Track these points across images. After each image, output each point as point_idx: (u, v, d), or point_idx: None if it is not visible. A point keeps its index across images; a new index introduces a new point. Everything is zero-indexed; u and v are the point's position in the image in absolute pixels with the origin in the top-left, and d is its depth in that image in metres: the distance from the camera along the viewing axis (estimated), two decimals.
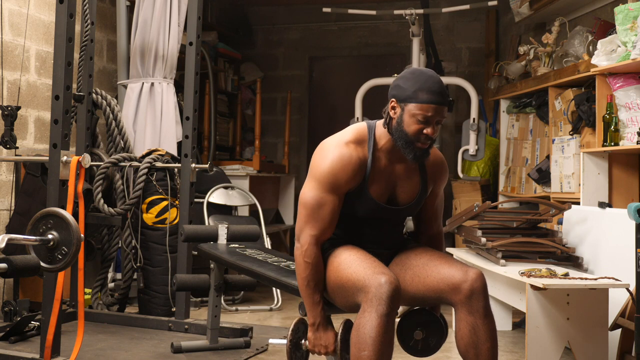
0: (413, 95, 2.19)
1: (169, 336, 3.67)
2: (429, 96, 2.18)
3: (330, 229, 2.28)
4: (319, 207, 2.25)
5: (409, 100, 2.20)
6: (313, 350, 2.27)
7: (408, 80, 2.21)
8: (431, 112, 2.19)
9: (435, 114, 2.20)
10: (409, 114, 2.20)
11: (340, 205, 2.28)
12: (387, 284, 2.08)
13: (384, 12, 5.29)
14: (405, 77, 2.24)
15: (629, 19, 3.28)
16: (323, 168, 2.25)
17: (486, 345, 2.20)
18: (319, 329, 2.25)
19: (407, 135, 2.22)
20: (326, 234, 2.28)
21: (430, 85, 2.19)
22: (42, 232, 2.31)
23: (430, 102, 2.18)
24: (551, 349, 2.79)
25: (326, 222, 2.26)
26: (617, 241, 3.09)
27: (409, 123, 2.21)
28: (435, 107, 2.19)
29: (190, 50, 3.84)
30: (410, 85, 2.20)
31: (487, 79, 6.09)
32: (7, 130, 3.56)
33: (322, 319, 2.25)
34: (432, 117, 2.20)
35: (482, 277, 2.23)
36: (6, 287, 4.10)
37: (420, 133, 2.21)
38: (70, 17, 2.96)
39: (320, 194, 2.25)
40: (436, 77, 2.22)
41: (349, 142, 2.28)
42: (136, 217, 4.09)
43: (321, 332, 2.25)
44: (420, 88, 2.18)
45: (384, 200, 2.33)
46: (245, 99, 6.79)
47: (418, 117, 2.19)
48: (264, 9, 7.07)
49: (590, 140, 3.74)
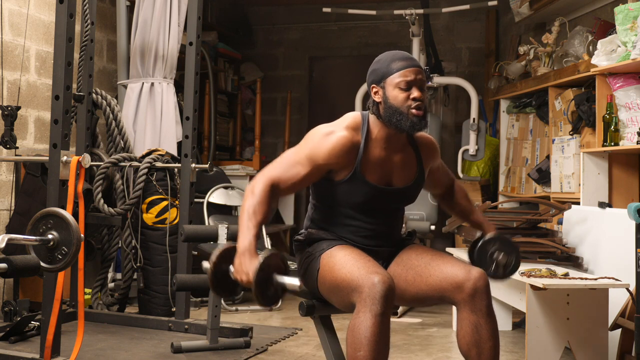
0: (387, 69, 2.26)
1: (169, 336, 3.67)
2: (402, 63, 2.25)
3: (287, 187, 2.25)
4: (291, 164, 2.25)
5: (385, 76, 2.26)
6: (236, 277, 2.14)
7: (378, 62, 2.31)
8: (410, 75, 2.24)
9: (415, 76, 2.25)
10: (391, 88, 2.25)
11: (309, 178, 2.26)
12: (380, 284, 2.07)
13: (384, 12, 5.30)
14: (374, 62, 2.33)
15: (629, 19, 3.28)
16: (311, 138, 2.29)
17: (488, 344, 2.20)
18: (245, 254, 2.12)
19: (397, 107, 2.24)
20: (281, 186, 2.23)
21: (399, 55, 2.28)
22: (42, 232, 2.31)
23: (405, 67, 2.24)
24: (551, 349, 2.79)
25: (288, 177, 2.24)
26: (617, 241, 3.09)
27: (394, 95, 2.24)
28: (413, 69, 2.25)
29: (190, 50, 3.84)
30: (382, 64, 2.29)
31: (487, 79, 6.09)
32: (7, 130, 3.56)
33: (250, 244, 2.13)
34: (414, 80, 2.24)
35: (485, 276, 2.23)
36: (6, 287, 4.11)
37: (408, 99, 2.24)
38: (70, 17, 2.96)
39: (298, 155, 2.26)
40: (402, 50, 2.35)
41: (343, 127, 2.31)
42: (136, 217, 4.09)
43: (246, 258, 2.12)
44: (391, 60, 2.27)
45: (382, 185, 2.33)
46: (245, 99, 6.79)
47: (400, 85, 2.23)
48: (264, 9, 7.07)
49: (590, 140, 3.74)
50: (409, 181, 2.37)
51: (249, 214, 2.17)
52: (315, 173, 2.27)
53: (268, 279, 2.11)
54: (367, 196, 2.30)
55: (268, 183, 2.21)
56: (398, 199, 2.39)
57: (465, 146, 4.99)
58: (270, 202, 2.22)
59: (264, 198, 2.19)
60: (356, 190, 2.30)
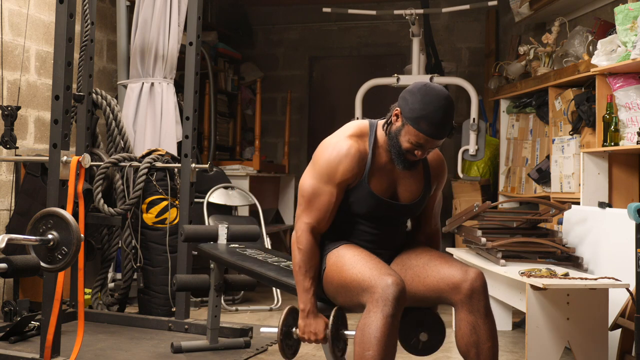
0: (415, 120, 2.19)
1: (169, 336, 3.67)
2: (429, 128, 2.18)
3: (326, 220, 2.29)
4: (316, 197, 2.27)
5: (410, 120, 2.21)
6: (303, 337, 2.25)
7: (417, 102, 2.19)
8: (426, 142, 2.22)
9: (430, 144, 2.23)
10: (405, 132, 2.23)
11: (338, 198, 2.29)
12: (393, 285, 2.08)
13: (384, 12, 5.29)
14: (415, 94, 2.21)
15: (629, 19, 3.27)
16: (322, 158, 2.29)
17: (487, 345, 2.20)
18: (309, 316, 2.24)
19: (400, 147, 2.26)
20: (321, 224, 2.29)
21: (434, 117, 2.18)
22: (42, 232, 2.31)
23: (427, 135, 2.20)
24: (551, 349, 2.79)
25: (322, 211, 2.27)
26: (617, 241, 3.09)
27: (403, 139, 2.24)
28: (432, 140, 2.21)
29: (190, 50, 3.84)
30: (417, 107, 2.19)
31: (487, 79, 6.09)
32: (7, 130, 3.56)
33: (312, 305, 2.24)
34: (426, 145, 2.23)
35: (482, 277, 2.23)
36: (6, 287, 4.10)
37: (410, 151, 2.25)
38: (70, 17, 2.96)
39: (317, 183, 2.28)
40: (444, 107, 2.19)
41: (349, 136, 2.31)
42: (136, 217, 4.09)
43: (311, 319, 2.23)
44: (424, 116, 2.18)
45: (386, 197, 2.33)
46: (245, 99, 6.79)
47: (413, 140, 2.22)
48: (264, 9, 7.07)
49: (590, 140, 3.74)
50: (415, 197, 2.37)
51: (303, 272, 2.25)
52: (340, 192, 2.30)
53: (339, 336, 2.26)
54: (370, 207, 2.32)
55: (308, 230, 2.27)
56: (402, 213, 2.39)
57: (465, 146, 4.98)
58: (316, 249, 2.29)
59: (312, 249, 2.27)
60: (361, 201, 2.30)
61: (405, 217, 2.44)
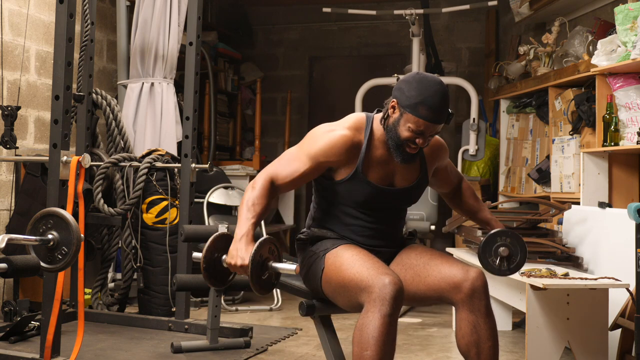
0: (413, 106, 2.20)
1: (169, 336, 3.67)
2: (427, 113, 2.19)
3: (287, 183, 2.28)
4: (291, 160, 2.28)
5: (408, 109, 2.21)
6: (230, 263, 2.14)
7: (412, 89, 2.21)
8: (426, 128, 2.22)
9: (430, 129, 2.23)
10: (404, 121, 2.23)
11: (310, 174, 2.28)
12: (391, 285, 2.08)
13: (384, 12, 5.30)
14: (410, 82, 2.23)
15: (629, 19, 3.28)
16: (311, 136, 2.32)
17: (487, 344, 2.20)
18: (242, 239, 2.14)
19: (399, 138, 2.26)
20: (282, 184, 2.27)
21: (432, 101, 2.19)
22: (42, 232, 2.31)
23: (427, 119, 2.20)
24: (551, 349, 2.79)
25: (288, 173, 2.26)
26: (617, 241, 3.09)
27: (403, 129, 2.24)
28: (432, 125, 2.22)
29: (190, 50, 3.84)
30: (414, 94, 2.20)
31: (487, 79, 6.09)
32: (7, 130, 3.56)
33: (248, 232, 2.15)
34: (426, 131, 2.23)
35: (483, 276, 2.24)
36: (6, 287, 4.11)
37: (411, 140, 2.25)
38: (70, 17, 2.96)
39: (298, 151, 2.29)
40: (440, 91, 2.21)
41: (344, 127, 2.32)
42: (136, 217, 4.09)
43: (243, 244, 2.13)
44: (422, 102, 2.19)
45: (384, 185, 2.34)
46: (245, 99, 6.79)
47: (412, 128, 2.22)
48: (264, 9, 7.07)
49: (590, 140, 3.74)
50: (411, 182, 2.38)
51: (248, 205, 2.20)
52: (315, 170, 2.29)
53: (263, 264, 2.12)
54: (368, 196, 2.31)
55: (268, 178, 2.25)
56: (400, 199, 2.39)
57: (465, 146, 4.99)
58: (269, 196, 2.25)
59: (264, 192, 2.23)
60: (357, 190, 2.31)
61: (404, 204, 2.44)
